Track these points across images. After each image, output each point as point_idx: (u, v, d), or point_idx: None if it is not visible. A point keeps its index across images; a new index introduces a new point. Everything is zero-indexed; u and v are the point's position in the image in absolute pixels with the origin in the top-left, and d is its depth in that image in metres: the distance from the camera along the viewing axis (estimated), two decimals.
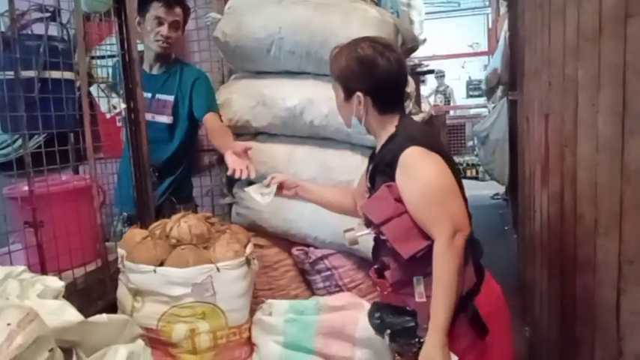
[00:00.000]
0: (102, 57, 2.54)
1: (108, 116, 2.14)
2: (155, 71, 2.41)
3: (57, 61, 1.88)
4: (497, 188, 6.57)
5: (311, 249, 2.38)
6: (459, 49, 10.09)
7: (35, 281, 1.35)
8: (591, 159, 1.61)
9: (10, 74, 1.67)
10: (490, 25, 9.38)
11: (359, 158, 2.22)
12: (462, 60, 10.82)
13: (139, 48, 2.14)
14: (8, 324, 1.08)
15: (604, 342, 1.57)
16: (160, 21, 2.29)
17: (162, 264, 1.72)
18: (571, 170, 1.83)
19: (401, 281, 1.42)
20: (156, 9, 2.28)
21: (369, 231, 1.49)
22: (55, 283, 1.37)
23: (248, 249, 1.85)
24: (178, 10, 2.33)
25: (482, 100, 9.38)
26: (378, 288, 1.55)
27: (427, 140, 1.43)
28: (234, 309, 1.76)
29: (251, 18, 2.33)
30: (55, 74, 1.91)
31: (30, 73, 1.82)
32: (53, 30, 2.05)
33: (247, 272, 1.80)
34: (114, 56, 2.25)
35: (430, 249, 1.34)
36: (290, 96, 2.30)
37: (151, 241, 1.78)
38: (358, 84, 1.48)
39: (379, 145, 1.53)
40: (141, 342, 1.48)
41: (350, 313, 1.78)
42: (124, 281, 1.77)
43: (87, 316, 1.31)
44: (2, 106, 1.82)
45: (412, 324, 1.38)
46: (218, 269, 1.71)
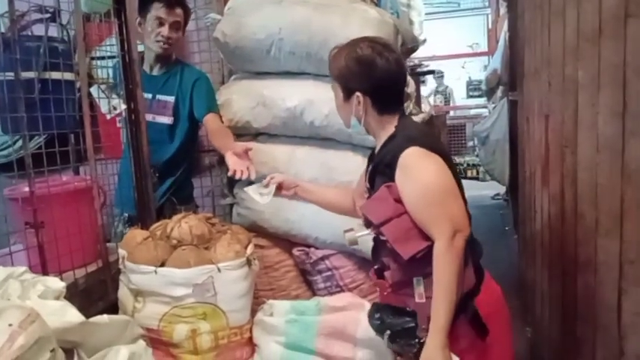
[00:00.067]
0: (102, 58, 2.54)
1: (108, 117, 2.13)
2: (155, 72, 2.41)
3: (57, 62, 1.88)
4: (497, 188, 6.57)
5: (312, 249, 2.38)
6: (459, 50, 10.08)
7: (36, 282, 1.35)
8: (592, 159, 1.61)
9: (11, 75, 1.67)
10: (490, 26, 9.37)
11: (360, 159, 2.22)
12: (462, 60, 10.80)
13: (139, 49, 2.14)
14: (10, 325, 1.08)
15: (605, 342, 1.57)
16: (161, 21, 2.29)
17: (163, 264, 1.72)
18: (571, 170, 1.83)
19: (401, 282, 1.42)
20: (157, 9, 2.28)
21: (369, 231, 1.49)
22: (56, 284, 1.37)
23: (249, 249, 1.85)
24: (179, 11, 2.34)
25: (482, 101, 9.37)
26: (378, 288, 1.55)
27: (427, 141, 1.43)
28: (235, 309, 1.76)
29: (251, 19, 2.33)
30: (56, 75, 1.91)
31: (30, 74, 1.82)
32: (53, 31, 2.06)
33: (248, 273, 1.80)
34: (114, 57, 2.25)
35: (430, 250, 1.34)
36: (290, 96, 2.30)
37: (152, 242, 1.78)
38: (357, 84, 1.48)
39: (379, 146, 1.53)
40: (142, 342, 1.48)
41: (351, 314, 1.78)
42: (125, 282, 1.77)
43: (88, 317, 1.31)
44: (2, 107, 1.83)
45: (412, 325, 1.38)
46: (219, 270, 1.71)
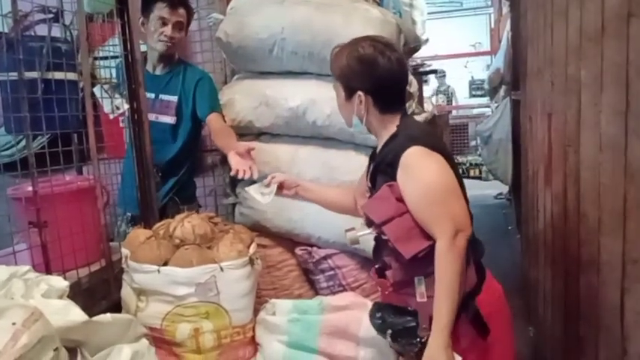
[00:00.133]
0: (105, 58, 2.54)
1: (111, 117, 2.13)
2: (158, 72, 2.41)
3: (60, 62, 1.89)
4: (500, 188, 6.56)
5: (314, 249, 2.38)
6: (462, 49, 10.06)
7: (40, 281, 1.36)
8: (594, 158, 1.61)
9: (14, 75, 1.68)
10: (492, 25, 9.33)
11: (362, 158, 2.21)
12: (465, 60, 10.79)
13: (142, 49, 2.14)
14: (13, 323, 1.09)
15: (608, 341, 1.57)
16: (164, 21, 2.29)
17: (166, 264, 1.72)
18: (574, 170, 1.82)
19: (402, 281, 1.42)
20: (160, 9, 2.29)
21: (371, 231, 1.48)
22: (60, 283, 1.38)
23: (251, 249, 1.85)
24: (182, 11, 2.34)
25: (485, 100, 9.36)
26: (379, 288, 1.55)
27: (429, 140, 1.42)
28: (237, 308, 1.76)
29: (253, 18, 2.33)
30: (59, 75, 1.92)
31: (33, 74, 1.82)
32: (56, 31, 2.06)
33: (251, 272, 1.80)
34: (117, 57, 2.26)
35: (432, 249, 1.33)
36: (292, 96, 2.30)
37: (155, 241, 1.78)
38: (359, 83, 1.47)
39: (380, 145, 1.53)
40: (145, 341, 1.48)
41: (353, 313, 1.78)
42: (128, 281, 1.78)
43: (91, 316, 1.32)
44: (6, 107, 1.83)
45: (413, 324, 1.38)
46: (222, 269, 1.71)
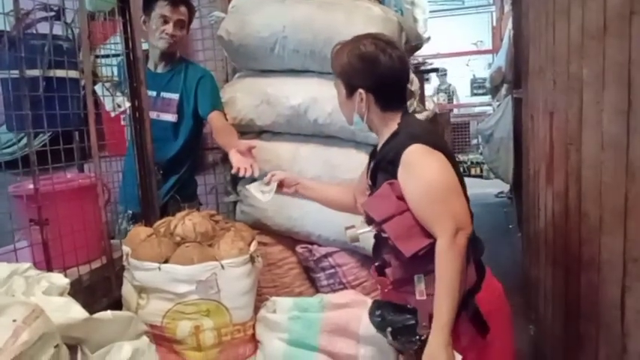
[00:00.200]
0: (106, 56, 2.55)
1: (112, 115, 2.14)
2: (160, 70, 2.42)
3: (62, 60, 1.89)
4: (501, 186, 6.55)
5: (315, 247, 2.38)
6: (463, 48, 10.07)
7: (41, 278, 1.36)
8: (596, 157, 1.61)
9: (15, 73, 1.68)
10: (494, 24, 9.32)
11: (363, 156, 2.21)
12: (467, 58, 10.79)
13: (144, 47, 2.14)
14: (14, 320, 1.09)
15: (608, 339, 1.57)
16: (166, 19, 2.30)
17: (166, 261, 1.73)
18: (576, 168, 1.82)
19: (402, 279, 1.42)
20: (161, 7, 2.29)
21: (370, 228, 1.48)
22: (61, 281, 1.38)
23: (252, 247, 1.85)
24: (183, 9, 2.34)
25: (486, 99, 9.34)
26: (379, 286, 1.55)
27: (430, 138, 1.42)
28: (238, 306, 1.77)
29: (255, 17, 2.33)
30: (60, 73, 1.92)
31: (35, 72, 1.82)
32: (58, 29, 2.06)
33: (251, 270, 1.80)
34: (118, 55, 2.26)
35: (432, 247, 1.33)
36: (294, 94, 2.30)
37: (156, 239, 1.79)
38: (360, 81, 1.47)
39: (381, 143, 1.53)
40: (145, 339, 1.49)
41: (354, 311, 1.78)
42: (129, 278, 1.78)
43: (92, 313, 1.32)
44: (8, 105, 1.84)
45: (413, 322, 1.38)
46: (222, 267, 1.72)
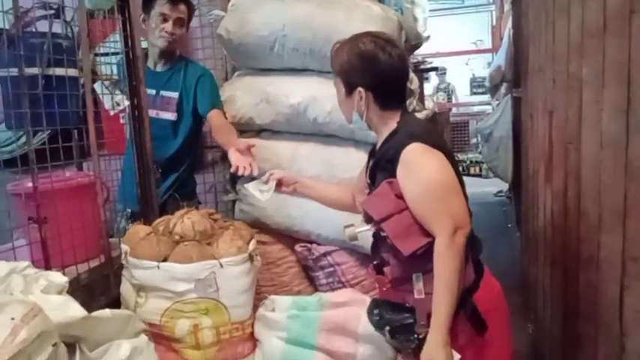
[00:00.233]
0: (106, 54, 2.54)
1: (112, 113, 2.14)
2: (159, 68, 2.41)
3: (61, 59, 1.89)
4: (500, 185, 6.56)
5: (314, 245, 2.38)
6: (463, 47, 10.06)
7: (39, 277, 1.36)
8: (595, 156, 1.61)
9: (15, 71, 1.68)
10: (494, 23, 9.32)
11: (362, 155, 2.20)
12: (466, 57, 10.78)
13: (143, 45, 2.14)
14: (12, 318, 1.09)
15: (607, 339, 1.57)
16: (165, 17, 2.29)
17: (165, 260, 1.72)
18: (575, 168, 1.82)
19: (400, 278, 1.42)
20: (161, 6, 2.29)
21: (369, 227, 1.48)
22: (59, 279, 1.38)
23: (251, 245, 1.85)
24: (183, 7, 2.34)
25: (486, 98, 9.35)
26: (377, 284, 1.55)
27: (429, 137, 1.42)
28: (237, 305, 1.77)
29: (254, 15, 2.32)
30: (59, 71, 1.92)
31: (34, 70, 1.82)
32: (57, 27, 2.06)
33: (250, 268, 1.80)
34: (118, 53, 2.26)
35: (430, 246, 1.33)
36: (293, 93, 2.30)
37: (155, 238, 1.78)
38: (359, 79, 1.47)
39: (380, 141, 1.53)
40: (144, 337, 1.49)
41: (352, 310, 1.78)
42: (128, 277, 1.78)
43: (90, 312, 1.32)
44: (7, 103, 1.83)
45: (411, 320, 1.38)
46: (221, 265, 1.72)
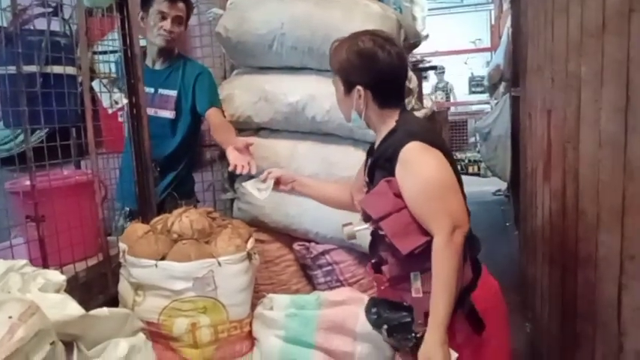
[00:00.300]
0: (104, 52, 2.53)
1: (110, 111, 2.13)
2: (158, 66, 2.41)
3: (59, 56, 1.89)
4: (499, 184, 6.57)
5: (312, 244, 2.38)
6: (462, 46, 10.07)
7: (37, 275, 1.36)
8: (594, 155, 1.61)
9: (13, 69, 1.68)
10: (493, 22, 9.31)
11: (361, 154, 2.19)
12: (465, 56, 10.78)
13: (141, 43, 2.13)
14: (10, 317, 1.08)
15: (605, 338, 1.57)
16: (163, 15, 2.29)
17: (163, 258, 1.72)
18: (573, 167, 1.82)
19: (398, 276, 1.42)
20: (159, 4, 2.28)
21: (367, 226, 1.48)
22: (57, 277, 1.38)
23: (249, 244, 1.85)
24: (181, 5, 2.33)
25: (484, 97, 9.36)
26: (375, 283, 1.55)
27: (428, 136, 1.42)
28: (235, 303, 1.76)
29: (253, 13, 2.32)
30: (57, 69, 1.91)
31: (32, 68, 1.82)
32: (55, 25, 2.05)
33: (248, 267, 1.80)
34: (116, 51, 2.25)
35: (429, 245, 1.33)
36: (292, 91, 2.30)
37: (153, 236, 1.78)
38: (358, 77, 1.47)
39: (379, 140, 1.53)
40: (142, 336, 1.48)
41: (351, 308, 1.78)
42: (126, 275, 1.78)
43: (88, 310, 1.32)
44: (4, 101, 1.83)
45: (408, 319, 1.38)
46: (219, 264, 1.71)
